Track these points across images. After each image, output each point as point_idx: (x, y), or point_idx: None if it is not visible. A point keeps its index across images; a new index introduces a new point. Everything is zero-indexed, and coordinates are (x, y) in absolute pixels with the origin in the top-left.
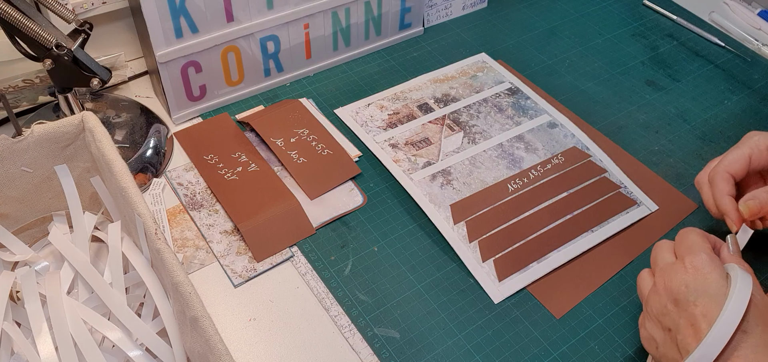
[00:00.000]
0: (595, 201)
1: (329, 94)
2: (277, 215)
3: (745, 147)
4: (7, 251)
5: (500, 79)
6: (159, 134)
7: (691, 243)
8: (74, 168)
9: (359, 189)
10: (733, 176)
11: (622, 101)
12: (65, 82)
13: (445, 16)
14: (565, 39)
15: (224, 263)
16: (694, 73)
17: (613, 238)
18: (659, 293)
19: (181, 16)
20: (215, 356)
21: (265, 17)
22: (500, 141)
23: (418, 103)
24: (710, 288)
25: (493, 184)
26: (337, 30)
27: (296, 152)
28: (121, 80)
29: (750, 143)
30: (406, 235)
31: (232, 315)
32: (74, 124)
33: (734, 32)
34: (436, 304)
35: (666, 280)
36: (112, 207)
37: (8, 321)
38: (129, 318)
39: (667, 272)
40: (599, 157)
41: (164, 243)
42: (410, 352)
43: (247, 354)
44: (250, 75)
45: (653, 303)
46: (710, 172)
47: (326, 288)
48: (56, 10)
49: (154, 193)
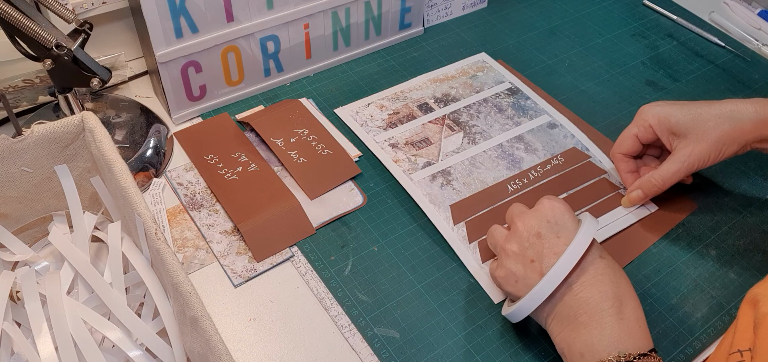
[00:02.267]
0: (595, 202)
1: (329, 94)
2: (277, 215)
3: (632, 126)
4: (7, 251)
5: (500, 79)
6: (159, 134)
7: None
8: (74, 168)
9: (359, 189)
10: (627, 155)
11: (622, 101)
12: (65, 82)
13: (445, 16)
14: (565, 39)
15: (224, 263)
16: (694, 73)
17: (613, 238)
18: (521, 233)
19: (181, 16)
20: (215, 356)
21: (265, 17)
22: (500, 141)
23: (418, 102)
24: (568, 224)
25: (493, 185)
26: (337, 30)
27: (296, 152)
28: (121, 80)
29: (638, 121)
30: (406, 235)
31: (232, 315)
32: (74, 124)
33: (734, 32)
34: (436, 304)
35: (527, 221)
36: (112, 207)
37: (8, 321)
38: (129, 318)
39: (528, 215)
40: (599, 158)
41: (164, 243)
42: (410, 352)
43: (247, 354)
44: (250, 75)
45: (515, 241)
46: (610, 153)
47: (326, 288)
48: (56, 10)
49: (154, 193)
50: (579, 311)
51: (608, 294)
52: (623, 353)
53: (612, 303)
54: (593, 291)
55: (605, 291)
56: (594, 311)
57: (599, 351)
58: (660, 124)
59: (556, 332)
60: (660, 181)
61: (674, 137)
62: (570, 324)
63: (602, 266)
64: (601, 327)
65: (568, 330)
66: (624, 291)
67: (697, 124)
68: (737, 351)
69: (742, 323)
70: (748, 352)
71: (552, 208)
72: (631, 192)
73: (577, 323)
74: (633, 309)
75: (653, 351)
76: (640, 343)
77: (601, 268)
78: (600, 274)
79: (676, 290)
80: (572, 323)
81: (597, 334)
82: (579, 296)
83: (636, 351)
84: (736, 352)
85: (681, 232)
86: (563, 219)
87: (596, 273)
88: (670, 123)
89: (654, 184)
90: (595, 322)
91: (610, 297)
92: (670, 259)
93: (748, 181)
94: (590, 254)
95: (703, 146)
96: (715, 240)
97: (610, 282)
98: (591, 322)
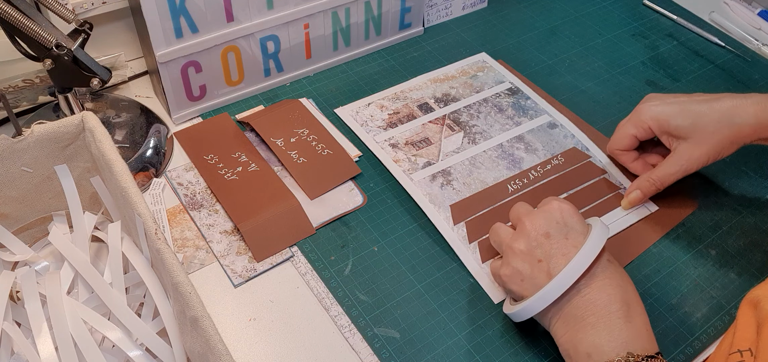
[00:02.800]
0: (595, 202)
1: (329, 94)
2: (277, 215)
3: (630, 125)
4: (7, 251)
5: (500, 78)
6: (159, 134)
7: (555, 199)
8: (74, 168)
9: (359, 189)
10: (625, 150)
11: (622, 101)
12: (65, 82)
13: (445, 16)
14: (565, 39)
15: (224, 263)
16: (694, 73)
17: (613, 238)
18: (529, 232)
19: (181, 16)
20: (215, 356)
21: (265, 17)
22: (500, 141)
23: (418, 102)
24: (576, 226)
25: (493, 185)
26: (337, 30)
27: (296, 152)
28: (121, 80)
29: (636, 121)
30: (406, 235)
31: (232, 315)
32: (74, 124)
33: (734, 32)
34: (436, 304)
35: (535, 221)
36: (112, 207)
37: (8, 321)
38: (129, 318)
39: (536, 215)
40: (599, 158)
41: (164, 243)
42: (410, 352)
43: (247, 354)
44: (250, 75)
45: (523, 240)
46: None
47: (326, 288)
48: (56, 10)
49: (154, 193)
50: (587, 312)
51: (616, 297)
52: (632, 354)
53: (620, 306)
54: (602, 293)
55: (613, 295)
56: (602, 313)
57: (607, 352)
58: (659, 126)
59: (561, 333)
60: (659, 182)
61: (673, 139)
62: (577, 325)
63: (610, 270)
64: (610, 328)
65: (574, 331)
66: (631, 296)
67: (696, 127)
68: (737, 351)
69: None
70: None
71: (561, 209)
72: (630, 193)
73: (585, 323)
74: (640, 314)
75: (659, 354)
76: (647, 345)
77: (609, 272)
78: (608, 278)
79: (676, 290)
80: (579, 324)
81: (605, 335)
82: (587, 298)
83: (644, 352)
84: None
85: (681, 232)
86: (572, 221)
87: (605, 276)
88: (669, 126)
89: (653, 184)
90: (603, 323)
91: (618, 301)
92: (670, 259)
93: (748, 181)
94: (600, 258)
95: (702, 149)
96: (715, 240)
97: (618, 286)
98: (599, 323)
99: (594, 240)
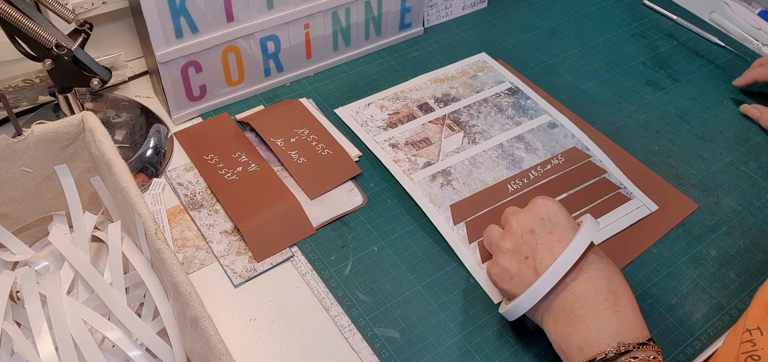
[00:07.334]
0: (595, 202)
1: (329, 94)
2: (277, 215)
3: None
4: (7, 251)
5: (500, 78)
6: (159, 134)
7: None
8: (74, 168)
9: (359, 189)
10: None
11: (622, 101)
12: (65, 82)
13: (445, 16)
14: (565, 39)
15: (224, 263)
16: (694, 73)
17: (613, 238)
18: (515, 230)
19: (181, 16)
20: (215, 356)
21: (265, 17)
22: (500, 141)
23: (418, 102)
24: (561, 222)
25: (493, 185)
26: (337, 30)
27: (296, 152)
28: (121, 80)
29: None
30: (406, 235)
31: (232, 315)
32: (74, 124)
33: (734, 32)
34: (436, 304)
35: (521, 219)
36: (112, 207)
37: (8, 321)
38: (129, 318)
39: (521, 213)
40: (599, 158)
41: (164, 243)
42: (410, 352)
43: (247, 354)
44: (250, 75)
45: (509, 239)
46: None
47: (326, 288)
48: (56, 10)
49: (154, 193)
50: (575, 306)
51: (603, 288)
52: (622, 343)
53: (607, 297)
54: (588, 285)
55: (600, 285)
56: (590, 305)
57: (598, 343)
58: None
59: (552, 328)
60: None
61: None
62: (566, 319)
63: (597, 263)
64: (599, 319)
65: (564, 325)
66: (618, 285)
67: None
68: (746, 331)
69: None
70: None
71: (545, 206)
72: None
73: (574, 317)
74: (628, 302)
75: (650, 340)
76: (637, 333)
77: (596, 265)
78: (594, 270)
79: (676, 290)
80: (568, 317)
81: (594, 327)
82: (575, 291)
83: (634, 340)
84: (746, 332)
85: (681, 232)
86: (556, 216)
87: (591, 269)
88: None
89: None
90: (591, 315)
91: (605, 291)
92: (670, 259)
93: (748, 181)
94: (587, 253)
95: None
96: (715, 240)
97: (603, 277)
98: (588, 316)
99: (580, 235)
